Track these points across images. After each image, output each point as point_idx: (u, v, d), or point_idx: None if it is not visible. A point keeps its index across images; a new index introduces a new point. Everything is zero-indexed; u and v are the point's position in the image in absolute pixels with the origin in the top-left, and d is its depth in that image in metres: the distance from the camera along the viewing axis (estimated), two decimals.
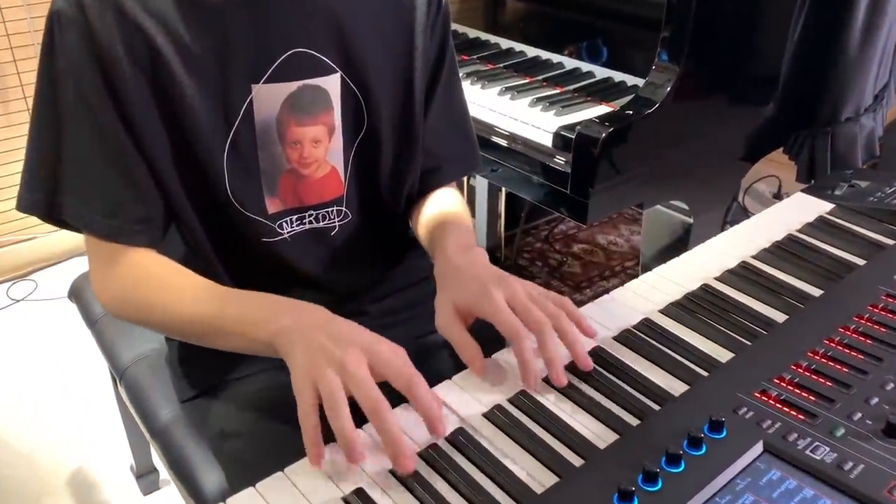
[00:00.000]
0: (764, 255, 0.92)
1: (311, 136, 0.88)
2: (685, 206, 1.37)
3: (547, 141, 1.21)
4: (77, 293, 1.38)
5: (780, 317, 0.81)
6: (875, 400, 0.65)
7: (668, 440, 0.61)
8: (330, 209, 0.94)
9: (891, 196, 1.05)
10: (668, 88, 1.14)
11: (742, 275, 0.88)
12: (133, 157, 0.80)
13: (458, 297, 0.77)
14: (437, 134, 0.98)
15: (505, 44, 1.56)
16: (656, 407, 0.69)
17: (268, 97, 0.84)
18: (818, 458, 0.60)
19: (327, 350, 0.67)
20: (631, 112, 1.14)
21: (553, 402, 0.70)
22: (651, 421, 0.67)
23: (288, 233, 0.92)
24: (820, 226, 0.99)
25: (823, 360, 0.71)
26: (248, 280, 0.87)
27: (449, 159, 1.01)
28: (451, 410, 0.69)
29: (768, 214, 1.05)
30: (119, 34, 0.76)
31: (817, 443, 0.61)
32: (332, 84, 0.87)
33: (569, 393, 0.71)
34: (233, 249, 0.92)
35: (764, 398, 0.66)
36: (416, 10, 0.92)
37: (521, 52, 1.53)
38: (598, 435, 0.66)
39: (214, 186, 0.85)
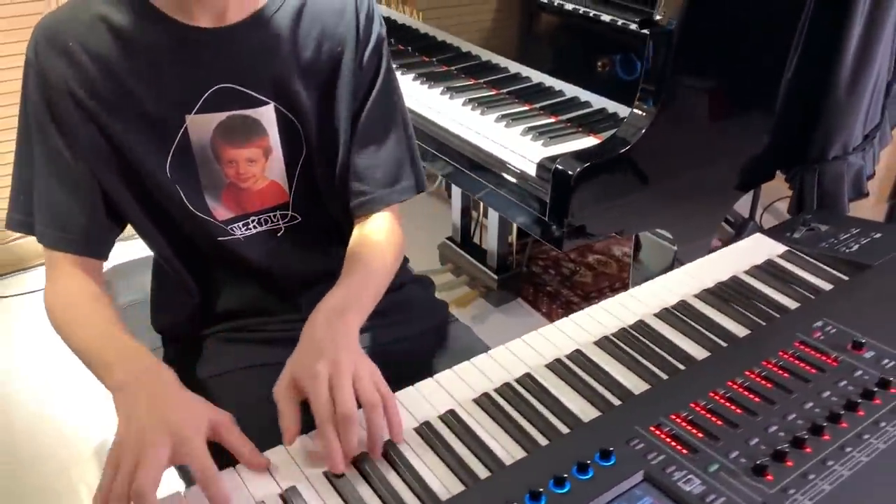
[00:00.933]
0: (704, 295, 1.00)
1: (245, 157, 1.00)
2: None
3: (531, 170, 1.30)
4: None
5: (702, 354, 0.89)
6: (755, 440, 0.73)
7: (563, 463, 0.71)
8: (273, 213, 1.05)
9: (843, 243, 1.11)
10: (644, 130, 1.22)
11: (678, 313, 0.96)
12: (78, 177, 0.93)
13: (294, 369, 0.83)
14: (368, 162, 1.04)
15: (513, 67, 1.64)
16: (566, 430, 0.78)
17: (200, 125, 0.96)
18: (687, 489, 0.68)
19: (121, 438, 0.75)
20: (606, 150, 1.22)
21: (477, 421, 0.81)
22: (556, 443, 0.76)
23: (240, 235, 1.04)
24: (766, 268, 1.06)
25: (722, 400, 0.79)
26: (210, 275, 1.03)
27: (378, 187, 1.05)
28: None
29: (723, 253, 1.12)
30: (65, 74, 0.90)
31: (691, 476, 0.70)
32: (264, 113, 0.98)
33: (492, 412, 0.81)
34: (193, 251, 1.04)
35: (657, 432, 0.75)
36: (345, 46, 1.00)
37: (527, 78, 1.61)
38: (509, 451, 0.76)
39: (168, 199, 0.98)
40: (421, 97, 1.60)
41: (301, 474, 0.75)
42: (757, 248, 1.11)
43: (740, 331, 0.93)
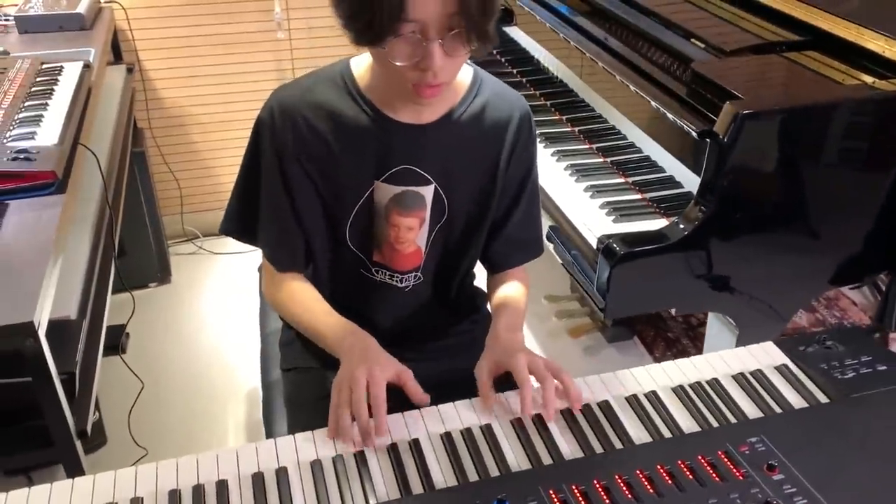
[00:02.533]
0: (677, 389, 1.14)
1: (406, 225, 1.29)
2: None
3: (593, 243, 1.48)
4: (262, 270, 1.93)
5: (643, 439, 1.05)
6: None
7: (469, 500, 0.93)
8: (409, 275, 1.34)
9: (845, 367, 1.17)
10: (691, 230, 1.34)
11: (641, 401, 1.12)
12: (289, 216, 1.26)
13: (495, 356, 1.18)
14: (514, 233, 1.34)
15: (632, 136, 1.78)
16: (495, 474, 1.00)
17: (382, 191, 1.25)
18: None
19: (351, 366, 1.11)
20: (654, 239, 1.37)
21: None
22: (482, 482, 0.98)
23: (379, 279, 1.34)
24: (754, 376, 1.16)
25: (621, 482, 0.95)
26: (343, 295, 1.35)
27: (517, 251, 1.37)
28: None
29: (729, 354, 1.23)
30: (292, 138, 1.21)
31: None
32: (427, 191, 1.26)
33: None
34: (341, 278, 1.36)
35: (553, 496, 0.94)
36: (505, 142, 1.27)
37: (637, 149, 1.76)
38: (447, 478, 1.00)
39: (344, 239, 1.29)
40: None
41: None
42: (759, 356, 1.21)
43: (692, 427, 1.07)
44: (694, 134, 1.39)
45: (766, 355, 1.21)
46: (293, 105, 1.21)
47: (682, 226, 1.38)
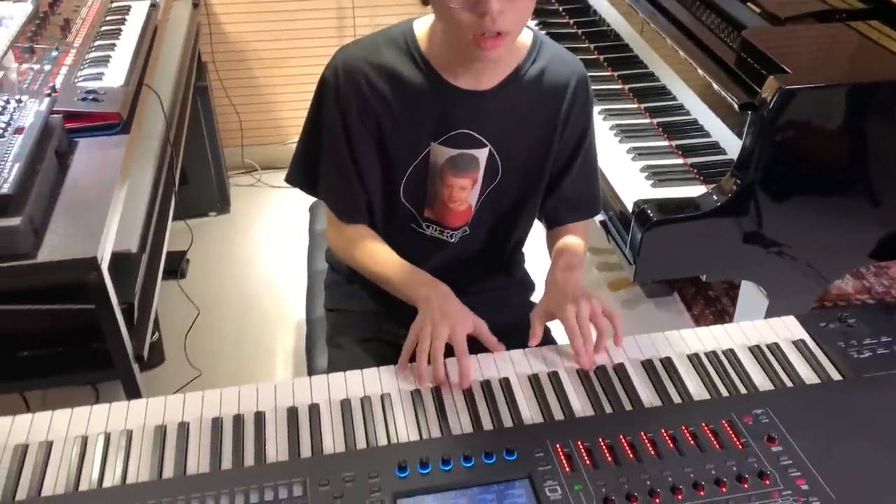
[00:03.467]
0: (692, 357, 1.18)
1: (459, 185, 1.34)
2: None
3: (629, 206, 1.51)
4: (314, 209, 2.01)
5: (654, 403, 1.11)
6: (623, 479, 0.96)
7: (467, 449, 1.00)
8: (457, 231, 1.40)
9: (863, 346, 1.20)
10: (723, 202, 1.36)
11: (667, 364, 1.16)
12: (351, 171, 1.31)
13: (549, 305, 1.25)
14: (568, 193, 1.38)
15: (682, 97, 1.77)
16: (509, 425, 1.07)
17: (438, 152, 1.30)
18: (549, 495, 0.95)
19: (433, 318, 1.17)
20: (686, 207, 1.39)
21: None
22: (494, 431, 1.05)
23: (428, 233, 1.40)
24: (770, 349, 1.20)
25: (624, 443, 1.01)
26: (394, 246, 1.39)
27: (572, 210, 1.42)
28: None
29: (749, 326, 1.26)
30: (354, 98, 1.26)
31: (557, 487, 0.96)
32: (482, 154, 1.31)
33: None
34: (394, 230, 1.41)
35: (558, 449, 1.01)
36: (562, 106, 1.30)
37: (686, 111, 1.75)
38: (463, 426, 1.07)
39: (397, 194, 1.35)
40: None
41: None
42: (782, 329, 1.24)
43: (702, 394, 1.12)
44: (735, 106, 1.39)
45: (785, 329, 1.25)
46: (356, 66, 1.25)
47: (715, 196, 1.39)
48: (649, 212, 1.41)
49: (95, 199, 1.38)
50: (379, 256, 1.35)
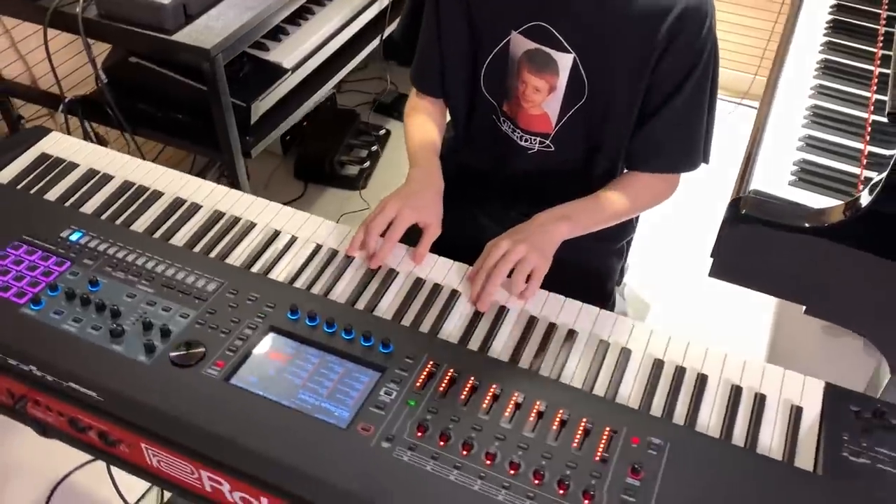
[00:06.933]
0: (674, 368, 1.02)
1: (533, 84, 1.28)
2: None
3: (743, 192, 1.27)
4: None
5: (568, 380, 1.00)
6: (433, 412, 0.91)
7: (358, 325, 1.02)
8: (534, 137, 1.35)
9: (865, 451, 0.92)
10: (834, 222, 1.07)
11: (620, 355, 1.03)
12: (434, 42, 1.33)
13: (508, 232, 1.16)
14: (652, 133, 1.23)
15: None
16: (424, 330, 1.06)
17: (517, 43, 1.26)
18: (384, 399, 0.94)
19: (396, 195, 1.19)
20: (786, 215, 1.12)
21: None
22: (393, 322, 1.05)
23: (508, 130, 1.37)
24: (754, 398, 0.98)
25: (489, 393, 0.95)
26: (475, 141, 1.41)
27: (655, 154, 1.26)
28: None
29: (761, 365, 1.04)
30: None
31: (394, 393, 0.95)
32: (563, 59, 1.23)
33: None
34: (476, 122, 1.41)
35: (429, 363, 0.98)
36: (660, 32, 1.15)
37: None
38: (385, 310, 1.09)
39: (478, 82, 1.34)
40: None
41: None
42: (794, 386, 1.00)
43: (623, 397, 0.98)
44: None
45: (797, 388, 1.01)
46: None
47: (829, 214, 1.11)
48: (746, 203, 1.18)
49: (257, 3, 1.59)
50: (418, 128, 1.35)
